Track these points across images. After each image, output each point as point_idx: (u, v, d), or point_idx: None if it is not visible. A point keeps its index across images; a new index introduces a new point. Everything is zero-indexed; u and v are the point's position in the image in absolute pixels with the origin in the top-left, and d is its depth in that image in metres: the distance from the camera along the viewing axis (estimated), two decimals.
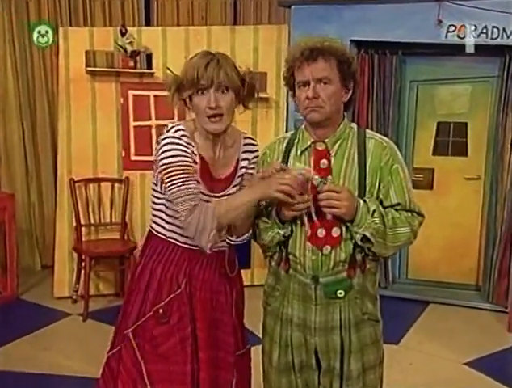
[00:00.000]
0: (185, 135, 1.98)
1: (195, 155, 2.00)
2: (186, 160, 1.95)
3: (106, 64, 4.65)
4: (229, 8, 5.82)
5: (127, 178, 4.79)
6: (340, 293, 1.99)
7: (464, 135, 4.87)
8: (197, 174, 1.99)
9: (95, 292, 4.78)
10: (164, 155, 1.96)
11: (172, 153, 1.94)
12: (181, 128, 1.99)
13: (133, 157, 4.78)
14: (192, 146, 1.99)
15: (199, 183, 1.99)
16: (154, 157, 2.04)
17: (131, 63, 4.66)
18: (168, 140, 1.96)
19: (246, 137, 2.16)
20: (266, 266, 2.19)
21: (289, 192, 1.80)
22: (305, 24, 4.47)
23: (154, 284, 2.06)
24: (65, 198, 4.73)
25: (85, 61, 4.62)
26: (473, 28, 4.27)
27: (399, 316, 4.34)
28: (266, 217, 2.01)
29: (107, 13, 5.55)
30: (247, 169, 2.12)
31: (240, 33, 4.92)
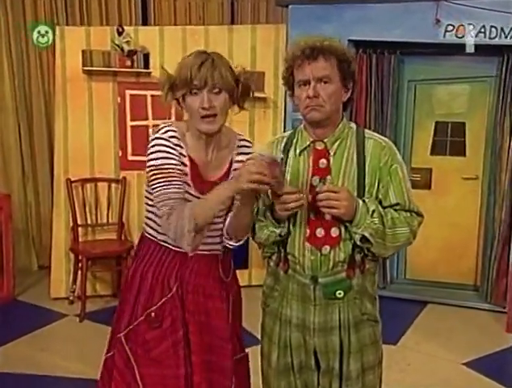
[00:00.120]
0: (174, 136, 1.95)
1: (184, 157, 1.96)
2: (171, 163, 1.91)
3: (102, 63, 4.63)
4: (227, 7, 5.81)
5: (124, 178, 4.78)
6: (339, 294, 1.98)
7: (462, 135, 4.86)
8: (187, 176, 1.96)
9: (92, 292, 4.76)
10: (150, 157, 1.94)
11: (158, 155, 1.92)
12: (171, 128, 1.96)
13: (130, 157, 4.77)
14: (181, 148, 1.96)
15: (189, 186, 1.96)
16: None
17: (128, 62, 4.64)
18: (155, 141, 1.94)
19: (241, 139, 2.12)
20: (265, 266, 2.17)
21: (260, 180, 1.72)
22: (303, 24, 4.46)
23: (146, 287, 2.04)
24: (62, 198, 4.71)
25: (81, 61, 4.59)
26: (471, 28, 4.27)
27: (397, 316, 4.32)
28: (263, 216, 2.00)
29: (104, 12, 5.53)
30: None
31: (237, 33, 4.91)
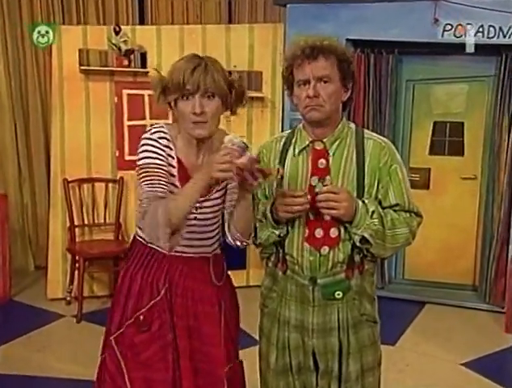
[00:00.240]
0: (164, 137, 1.93)
1: (173, 159, 1.94)
2: (156, 163, 1.89)
3: (99, 63, 4.61)
4: (224, 6, 5.80)
5: (121, 178, 4.76)
6: (338, 295, 1.98)
7: (461, 134, 4.85)
8: (174, 177, 1.93)
9: (89, 293, 4.74)
10: (138, 157, 1.93)
11: (144, 154, 1.91)
12: (161, 129, 1.95)
13: (127, 157, 4.73)
14: (171, 149, 1.94)
15: (176, 188, 1.93)
16: None
17: (125, 62, 4.63)
18: (144, 141, 1.93)
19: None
20: (263, 267, 2.16)
21: (229, 169, 1.69)
22: (301, 23, 4.45)
23: (135, 290, 2.02)
24: (59, 198, 4.69)
25: (78, 60, 4.57)
26: (469, 27, 4.26)
27: (396, 317, 4.31)
28: (263, 217, 1.98)
29: (101, 11, 5.51)
30: None
31: (235, 32, 4.89)
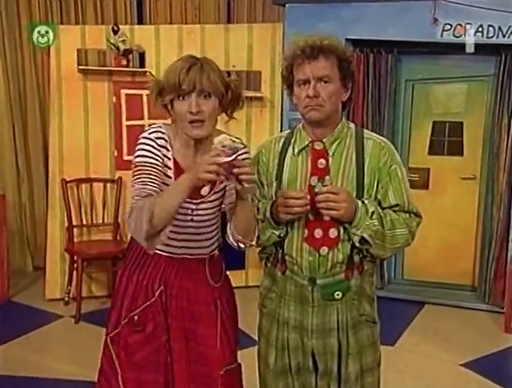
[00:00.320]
0: (161, 137, 1.93)
1: (169, 159, 1.94)
2: (151, 162, 1.89)
3: (98, 62, 4.60)
4: (223, 6, 5.77)
5: (119, 178, 4.74)
6: (337, 295, 1.97)
7: (460, 134, 4.85)
8: (171, 179, 1.92)
9: (88, 293, 4.73)
10: (134, 155, 1.93)
11: (140, 153, 1.91)
12: (159, 130, 1.95)
13: (126, 156, 4.71)
14: (167, 150, 1.93)
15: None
16: None
17: (123, 61, 4.61)
18: (141, 140, 1.93)
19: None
20: (262, 267, 2.15)
21: (217, 171, 1.68)
22: (300, 23, 4.44)
23: (130, 290, 2.02)
24: (57, 199, 4.68)
25: (76, 60, 4.56)
26: (469, 27, 4.26)
27: (395, 317, 4.30)
28: (263, 217, 1.98)
29: (99, 11, 5.48)
30: None
31: (234, 31, 4.88)
